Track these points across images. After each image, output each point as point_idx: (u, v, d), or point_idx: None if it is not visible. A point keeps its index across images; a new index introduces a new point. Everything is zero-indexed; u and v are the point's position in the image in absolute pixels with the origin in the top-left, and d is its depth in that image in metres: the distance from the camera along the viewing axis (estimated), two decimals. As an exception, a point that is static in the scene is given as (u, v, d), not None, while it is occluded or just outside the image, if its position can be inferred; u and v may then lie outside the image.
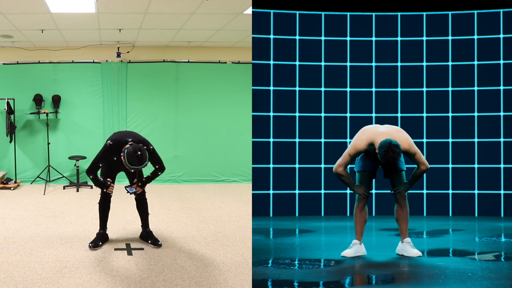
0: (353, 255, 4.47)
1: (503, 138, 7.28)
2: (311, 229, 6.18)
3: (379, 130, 4.40)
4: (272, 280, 3.81)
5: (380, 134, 4.35)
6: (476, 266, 4.12)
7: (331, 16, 7.40)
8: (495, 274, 3.83)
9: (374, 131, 4.40)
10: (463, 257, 4.56)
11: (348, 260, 4.41)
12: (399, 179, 4.53)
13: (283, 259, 4.47)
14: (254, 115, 7.34)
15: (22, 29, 7.82)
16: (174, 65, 9.68)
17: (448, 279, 3.73)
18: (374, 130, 4.43)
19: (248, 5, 6.67)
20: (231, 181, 9.75)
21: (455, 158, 7.37)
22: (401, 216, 4.54)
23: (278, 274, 3.97)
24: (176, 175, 9.67)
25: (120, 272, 4.24)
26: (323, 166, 7.38)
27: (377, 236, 5.98)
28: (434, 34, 7.37)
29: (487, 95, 7.31)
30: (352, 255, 4.47)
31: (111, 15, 7.16)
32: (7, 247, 4.95)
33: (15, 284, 3.87)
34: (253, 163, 7.31)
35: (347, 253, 4.49)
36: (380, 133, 4.37)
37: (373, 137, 4.36)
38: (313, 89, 7.38)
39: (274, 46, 7.38)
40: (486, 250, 4.94)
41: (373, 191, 7.37)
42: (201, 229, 5.84)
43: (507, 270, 3.99)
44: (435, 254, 4.72)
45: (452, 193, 7.36)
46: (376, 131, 4.40)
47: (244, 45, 9.25)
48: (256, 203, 7.22)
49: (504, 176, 7.27)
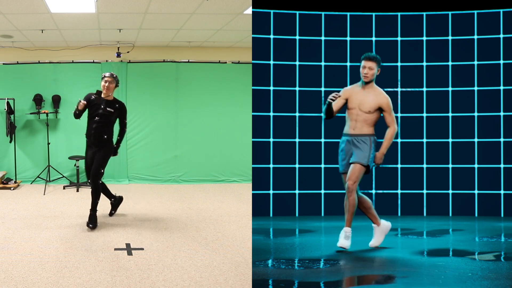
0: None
1: (503, 138, 7.28)
2: (311, 229, 6.18)
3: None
4: (272, 280, 3.81)
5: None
6: (476, 266, 4.12)
7: (331, 16, 7.40)
8: (495, 274, 3.83)
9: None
10: (463, 257, 4.56)
11: (348, 260, 4.41)
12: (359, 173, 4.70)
13: (283, 259, 4.47)
14: (254, 115, 7.34)
15: (22, 29, 7.82)
16: (174, 65, 9.69)
17: (448, 279, 3.73)
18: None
19: (248, 5, 6.67)
20: (231, 181, 9.75)
21: (455, 158, 7.37)
22: (346, 206, 4.69)
23: (278, 274, 3.98)
24: (176, 175, 9.67)
25: (120, 272, 4.24)
26: (323, 166, 7.38)
27: (377, 236, 5.98)
28: (434, 34, 7.37)
29: (487, 95, 7.31)
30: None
31: (111, 15, 7.16)
32: (7, 247, 4.95)
33: (15, 284, 3.87)
34: (253, 163, 7.31)
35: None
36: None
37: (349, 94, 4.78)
38: (313, 89, 7.38)
39: (274, 46, 7.38)
40: (486, 250, 4.94)
41: (373, 191, 7.38)
42: (201, 229, 5.84)
43: (507, 270, 3.99)
44: (435, 254, 4.72)
45: (452, 193, 7.36)
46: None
47: (244, 45, 9.25)
48: (256, 203, 7.22)
49: (504, 176, 7.27)
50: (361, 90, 4.75)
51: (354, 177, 4.66)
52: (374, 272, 4.03)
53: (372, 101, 4.70)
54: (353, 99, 4.74)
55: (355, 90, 4.78)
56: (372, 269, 4.13)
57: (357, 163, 4.68)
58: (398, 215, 7.35)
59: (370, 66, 4.68)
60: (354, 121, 4.73)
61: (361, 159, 4.68)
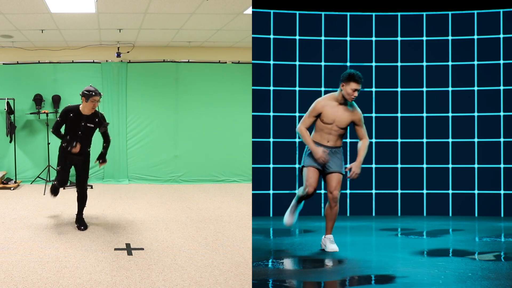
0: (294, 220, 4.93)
1: (503, 138, 7.28)
2: (311, 229, 6.18)
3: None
4: (272, 280, 3.81)
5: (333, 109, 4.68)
6: (476, 266, 4.12)
7: (331, 16, 7.40)
8: (495, 274, 3.83)
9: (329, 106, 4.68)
10: (463, 257, 4.56)
11: (348, 260, 4.41)
12: (337, 181, 4.68)
13: (283, 259, 4.46)
14: (254, 115, 7.35)
15: (22, 29, 7.83)
16: (174, 65, 9.68)
17: (448, 279, 3.73)
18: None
19: (248, 5, 6.67)
20: (231, 181, 9.75)
21: (455, 158, 7.37)
22: (330, 215, 4.73)
23: (278, 274, 3.98)
24: (176, 175, 9.67)
25: (120, 272, 4.24)
26: (323, 166, 7.37)
27: (377, 236, 5.99)
28: (434, 34, 7.37)
29: (487, 95, 7.31)
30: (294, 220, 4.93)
31: (111, 15, 7.16)
32: (7, 247, 4.95)
33: (15, 284, 3.87)
34: (253, 163, 7.31)
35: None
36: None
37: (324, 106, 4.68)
38: (313, 89, 7.38)
39: (274, 46, 7.38)
40: (486, 250, 4.94)
41: (373, 191, 7.38)
42: (201, 229, 5.84)
43: (507, 270, 3.99)
44: (435, 254, 4.72)
45: (452, 193, 7.36)
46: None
47: (244, 45, 9.25)
48: (256, 203, 7.22)
49: (504, 176, 7.27)
50: (337, 105, 4.67)
51: (339, 186, 4.69)
52: (374, 272, 4.03)
53: (348, 117, 4.66)
54: (329, 115, 4.63)
55: (330, 104, 4.66)
56: (372, 269, 4.13)
57: (338, 173, 4.69)
58: (398, 215, 7.35)
59: (359, 89, 4.60)
60: (328, 134, 4.68)
61: (340, 168, 4.71)
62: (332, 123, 4.65)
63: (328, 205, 4.71)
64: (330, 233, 4.76)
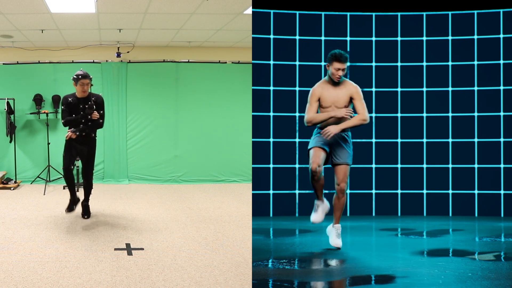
0: (322, 218, 4.87)
1: (503, 138, 7.28)
2: (311, 229, 6.18)
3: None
4: (272, 280, 3.81)
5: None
6: (476, 266, 4.12)
7: (331, 16, 7.40)
8: (495, 274, 3.83)
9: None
10: (463, 257, 4.56)
11: (348, 260, 4.41)
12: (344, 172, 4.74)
13: (283, 259, 4.47)
14: (254, 115, 7.34)
15: (22, 29, 7.83)
16: (174, 65, 9.69)
17: (448, 279, 3.73)
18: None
19: (248, 5, 6.67)
20: (231, 181, 9.75)
21: (455, 158, 7.37)
22: (337, 205, 4.80)
23: (278, 274, 3.98)
24: (176, 175, 9.67)
25: (120, 272, 4.24)
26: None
27: (377, 236, 5.99)
28: (434, 34, 7.37)
29: (487, 95, 7.31)
30: (321, 218, 4.87)
31: (111, 15, 7.16)
32: (7, 247, 4.95)
33: (15, 284, 3.87)
34: (253, 163, 7.31)
35: (316, 218, 4.84)
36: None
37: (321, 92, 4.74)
38: (313, 89, 7.37)
39: (274, 46, 7.38)
40: (486, 250, 4.94)
41: (373, 191, 7.38)
42: (201, 229, 5.84)
43: (507, 270, 3.99)
44: (435, 254, 4.72)
45: (452, 193, 7.36)
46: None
47: (244, 45, 9.25)
48: (256, 203, 7.22)
49: (504, 176, 7.27)
50: (331, 87, 4.73)
51: (346, 178, 4.75)
52: (374, 272, 4.03)
53: (345, 94, 4.72)
54: (326, 98, 4.72)
55: (325, 88, 4.74)
56: (372, 269, 4.13)
57: (345, 164, 4.73)
58: (398, 215, 7.35)
59: (343, 68, 4.63)
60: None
61: (348, 159, 4.75)
62: (331, 106, 4.72)
63: (336, 196, 4.79)
64: (338, 223, 4.82)
